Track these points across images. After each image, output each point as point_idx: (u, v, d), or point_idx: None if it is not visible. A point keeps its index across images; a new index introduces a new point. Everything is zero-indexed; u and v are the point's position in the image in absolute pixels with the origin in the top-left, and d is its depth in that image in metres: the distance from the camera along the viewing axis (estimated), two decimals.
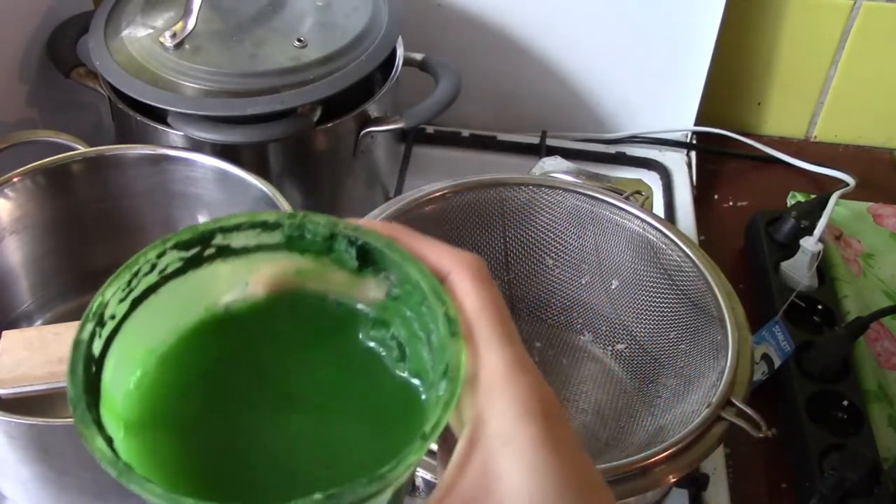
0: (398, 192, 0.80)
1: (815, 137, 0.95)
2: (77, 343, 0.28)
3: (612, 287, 0.63)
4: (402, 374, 0.30)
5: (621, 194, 0.62)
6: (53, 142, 0.66)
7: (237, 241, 0.30)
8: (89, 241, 0.68)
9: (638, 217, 0.61)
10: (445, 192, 0.62)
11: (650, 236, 0.60)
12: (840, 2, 0.85)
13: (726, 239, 0.82)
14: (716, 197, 0.87)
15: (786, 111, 0.94)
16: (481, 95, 0.88)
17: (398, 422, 0.29)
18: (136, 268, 0.29)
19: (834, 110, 0.93)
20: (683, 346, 0.58)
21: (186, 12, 0.67)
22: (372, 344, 0.31)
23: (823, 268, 0.74)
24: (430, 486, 0.47)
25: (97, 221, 0.67)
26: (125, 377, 0.29)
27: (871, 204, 0.84)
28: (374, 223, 0.30)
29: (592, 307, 0.64)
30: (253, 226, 0.30)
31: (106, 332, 0.29)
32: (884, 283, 0.76)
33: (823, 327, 0.70)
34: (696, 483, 0.59)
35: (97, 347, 0.28)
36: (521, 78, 0.89)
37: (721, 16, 0.82)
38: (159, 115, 0.65)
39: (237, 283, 0.31)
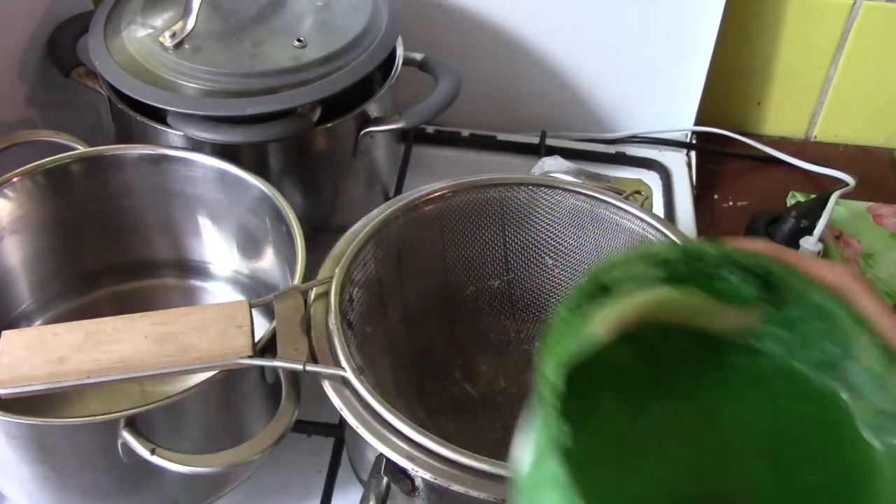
0: (398, 191, 0.80)
1: (815, 137, 0.95)
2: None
3: None
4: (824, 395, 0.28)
5: (621, 194, 0.62)
6: (53, 142, 0.66)
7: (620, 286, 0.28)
8: (89, 241, 0.68)
9: (638, 217, 0.61)
10: (445, 192, 0.62)
11: (650, 236, 0.60)
12: (840, 2, 0.85)
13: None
14: (716, 197, 0.87)
15: (786, 111, 0.94)
16: (481, 95, 0.88)
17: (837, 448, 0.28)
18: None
19: (834, 110, 0.93)
20: None
21: (186, 12, 0.67)
22: (747, 368, 0.29)
23: None
24: (429, 485, 0.47)
25: (97, 221, 0.67)
26: None
27: (870, 204, 0.84)
28: (755, 245, 0.28)
29: None
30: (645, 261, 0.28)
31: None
32: (884, 283, 0.76)
33: None
34: None
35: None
36: (521, 78, 0.89)
37: (721, 16, 0.82)
38: (159, 115, 0.65)
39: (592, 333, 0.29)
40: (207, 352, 0.49)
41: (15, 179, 0.62)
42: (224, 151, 0.64)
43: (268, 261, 0.66)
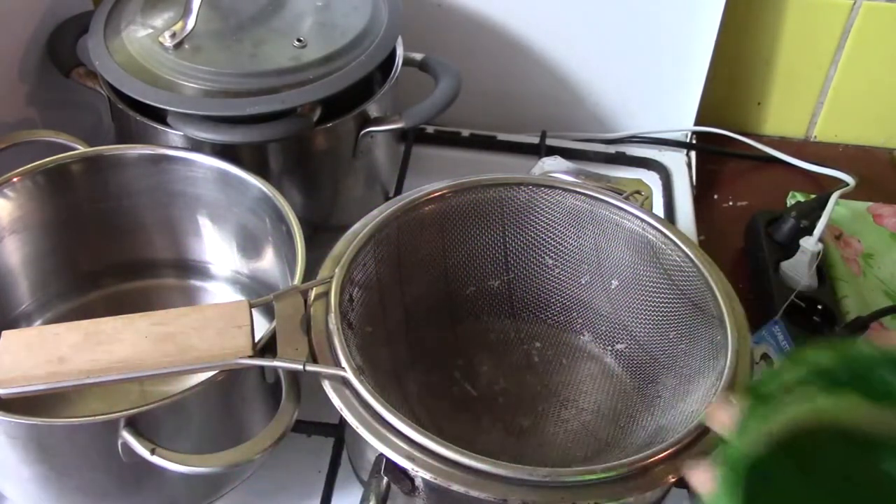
0: (398, 192, 0.80)
1: (815, 137, 0.95)
2: None
3: (612, 287, 0.63)
4: None
5: (621, 194, 0.62)
6: (53, 142, 0.66)
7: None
8: (89, 241, 0.68)
9: (638, 217, 0.61)
10: (445, 192, 0.62)
11: (650, 236, 0.60)
12: (840, 2, 0.85)
13: (726, 239, 0.82)
14: (716, 197, 0.87)
15: (786, 111, 0.94)
16: (481, 95, 0.88)
17: None
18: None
19: (834, 110, 0.93)
20: (683, 346, 0.58)
21: (186, 12, 0.67)
22: None
23: (823, 268, 0.74)
24: (429, 486, 0.47)
25: (97, 221, 0.67)
26: None
27: (870, 204, 0.84)
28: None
29: (592, 307, 0.64)
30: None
31: None
32: (884, 284, 0.76)
33: (823, 327, 0.70)
34: None
35: None
36: (521, 78, 0.89)
37: (721, 16, 0.82)
38: (159, 115, 0.65)
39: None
40: (207, 352, 0.49)
41: (15, 179, 0.62)
42: (224, 151, 0.64)
43: (268, 261, 0.66)
